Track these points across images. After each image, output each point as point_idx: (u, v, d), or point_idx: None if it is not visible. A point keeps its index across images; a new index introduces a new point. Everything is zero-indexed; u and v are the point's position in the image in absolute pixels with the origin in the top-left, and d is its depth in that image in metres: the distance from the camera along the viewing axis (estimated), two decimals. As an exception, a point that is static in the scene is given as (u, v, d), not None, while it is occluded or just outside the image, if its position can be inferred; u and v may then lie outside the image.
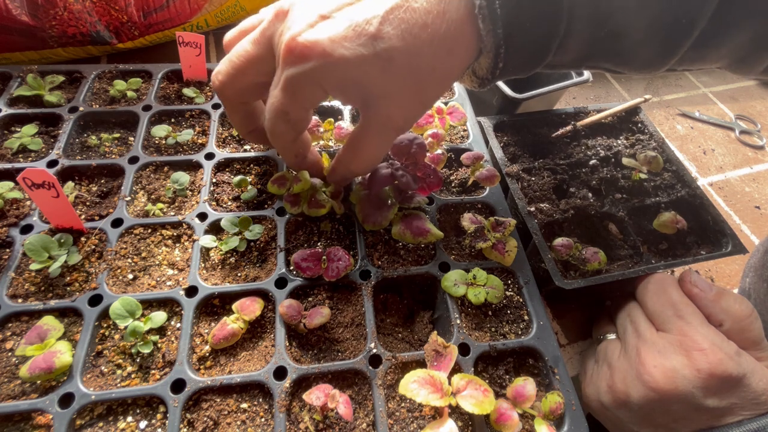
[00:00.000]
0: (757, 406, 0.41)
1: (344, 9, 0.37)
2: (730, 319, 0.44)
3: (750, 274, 0.62)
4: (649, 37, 0.36)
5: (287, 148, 0.46)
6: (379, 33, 0.35)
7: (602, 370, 0.47)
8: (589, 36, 0.37)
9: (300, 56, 0.36)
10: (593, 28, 0.36)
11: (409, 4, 0.35)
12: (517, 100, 0.65)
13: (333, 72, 0.36)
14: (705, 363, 0.40)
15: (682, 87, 0.97)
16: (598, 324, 0.55)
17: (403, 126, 0.41)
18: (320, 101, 0.40)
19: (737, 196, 0.79)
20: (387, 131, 0.41)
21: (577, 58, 0.39)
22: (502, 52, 0.36)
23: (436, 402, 0.36)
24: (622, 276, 0.51)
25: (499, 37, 0.35)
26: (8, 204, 0.49)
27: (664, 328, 0.45)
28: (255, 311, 0.43)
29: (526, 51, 0.37)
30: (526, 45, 0.36)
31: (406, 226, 0.49)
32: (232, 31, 0.46)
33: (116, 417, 0.39)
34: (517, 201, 0.55)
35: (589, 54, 0.39)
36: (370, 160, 0.45)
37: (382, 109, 0.39)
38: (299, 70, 0.36)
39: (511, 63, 0.37)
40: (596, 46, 0.38)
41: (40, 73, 0.60)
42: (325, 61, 0.35)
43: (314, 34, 0.36)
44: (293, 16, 0.38)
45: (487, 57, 0.37)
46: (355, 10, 0.36)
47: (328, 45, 0.35)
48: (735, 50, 0.38)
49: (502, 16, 0.34)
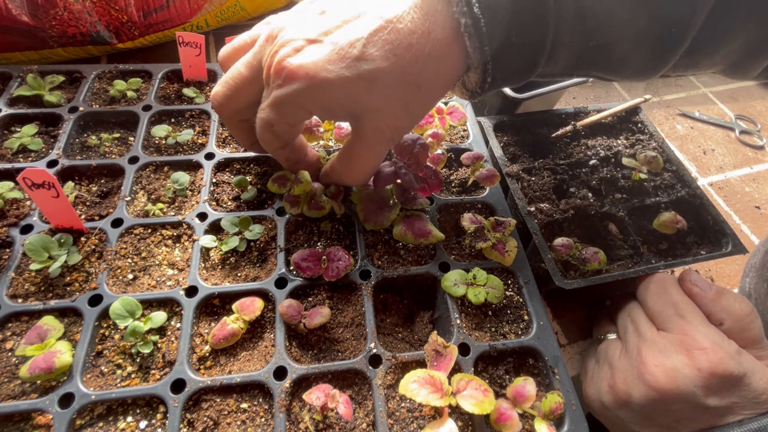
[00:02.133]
0: (758, 405, 0.41)
1: (331, 32, 0.38)
2: (730, 318, 0.44)
3: (750, 274, 0.62)
4: (638, 47, 0.36)
5: (276, 154, 0.48)
6: (363, 55, 0.36)
7: (603, 370, 0.47)
8: (577, 48, 0.37)
9: (286, 78, 0.37)
10: (581, 41, 0.36)
11: (394, 25, 0.35)
12: (517, 100, 0.65)
13: (317, 94, 0.37)
14: (706, 362, 0.40)
15: (682, 87, 0.97)
16: (599, 324, 0.55)
17: (393, 138, 0.42)
18: (305, 119, 0.43)
19: (737, 196, 0.79)
20: (378, 144, 0.42)
21: (567, 68, 0.40)
22: (489, 68, 0.36)
23: (436, 402, 0.36)
24: (622, 276, 0.51)
25: (486, 54, 0.35)
26: (8, 204, 0.49)
27: (665, 328, 0.45)
28: (255, 311, 0.43)
29: (514, 65, 0.37)
30: (514, 60, 0.36)
31: (407, 227, 0.49)
32: (226, 48, 0.48)
33: (116, 417, 0.39)
34: (517, 201, 0.55)
35: (579, 65, 0.39)
36: (363, 172, 0.46)
37: (371, 123, 0.40)
38: (285, 91, 0.38)
39: (500, 77, 0.37)
40: (585, 57, 0.38)
41: (40, 73, 0.60)
42: (310, 83, 0.37)
43: (299, 59, 0.37)
44: (282, 39, 0.39)
45: (476, 73, 0.37)
46: (341, 34, 0.37)
47: (311, 69, 0.36)
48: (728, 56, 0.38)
49: (488, 33, 0.34)
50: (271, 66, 0.38)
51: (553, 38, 0.35)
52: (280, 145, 0.45)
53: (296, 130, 0.46)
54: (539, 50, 0.36)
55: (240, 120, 0.47)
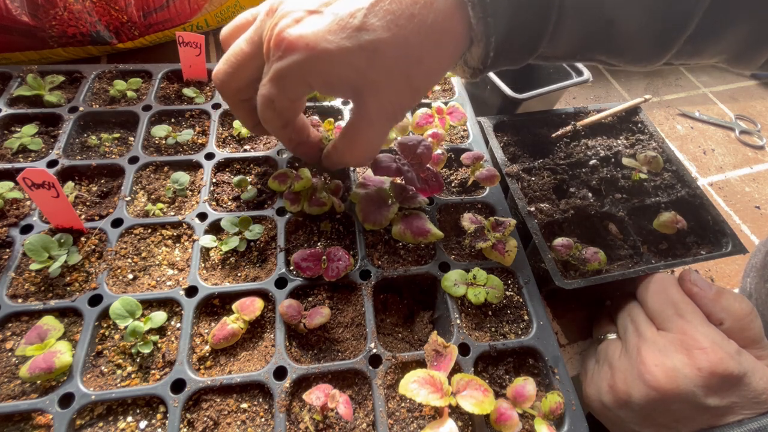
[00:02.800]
0: (758, 405, 0.41)
1: (332, 3, 0.37)
2: (730, 317, 0.44)
3: (751, 274, 0.62)
4: (642, 28, 0.36)
5: (278, 134, 0.47)
6: (364, 25, 0.35)
7: (603, 370, 0.47)
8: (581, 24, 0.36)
9: (286, 50, 0.37)
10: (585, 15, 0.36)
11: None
12: (517, 100, 0.65)
13: (317, 65, 0.37)
14: (706, 362, 0.40)
15: (682, 87, 0.97)
16: (599, 324, 0.55)
17: (395, 115, 0.41)
18: (306, 94, 0.41)
19: (737, 196, 0.79)
20: (380, 121, 0.41)
21: (570, 49, 0.39)
22: (492, 41, 0.35)
23: (436, 402, 0.36)
24: (622, 276, 0.51)
25: (489, 26, 0.34)
26: (8, 204, 0.49)
27: (665, 327, 0.45)
28: (255, 311, 0.43)
29: (517, 39, 0.36)
30: (518, 32, 0.36)
31: (406, 226, 0.49)
32: (228, 27, 0.47)
33: (116, 417, 0.39)
34: (517, 201, 0.55)
35: (582, 45, 0.38)
36: (366, 151, 0.45)
37: (372, 99, 0.39)
38: (285, 63, 0.37)
39: (502, 52, 0.37)
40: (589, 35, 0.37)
41: (40, 73, 0.60)
42: (310, 54, 0.36)
43: (299, 29, 0.36)
44: (282, 11, 0.38)
45: (478, 46, 0.37)
46: (342, 4, 0.37)
47: (311, 39, 0.36)
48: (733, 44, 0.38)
49: (491, 3, 0.33)
50: (271, 38, 0.38)
51: (558, 11, 0.35)
52: (281, 123, 0.44)
53: (297, 107, 0.45)
54: (544, 23, 0.35)
55: (242, 99, 0.46)
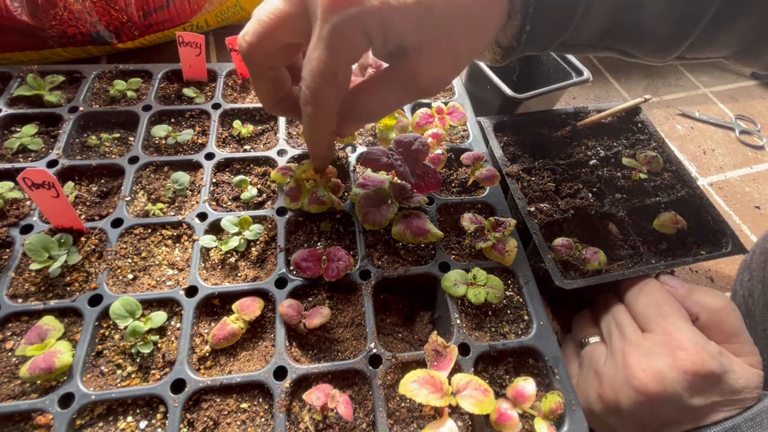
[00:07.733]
0: (737, 402, 0.42)
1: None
2: (704, 311, 0.46)
3: (746, 275, 0.62)
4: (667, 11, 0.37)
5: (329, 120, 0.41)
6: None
7: (589, 377, 0.48)
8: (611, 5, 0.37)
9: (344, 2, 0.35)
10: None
11: None
12: (517, 100, 0.65)
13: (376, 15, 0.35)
14: (689, 363, 0.42)
15: (682, 87, 0.97)
16: (580, 326, 0.55)
17: (428, 87, 0.40)
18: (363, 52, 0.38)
19: (737, 196, 0.79)
20: (410, 88, 0.40)
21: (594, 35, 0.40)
22: (530, 13, 0.36)
23: (436, 402, 0.36)
24: (622, 276, 0.51)
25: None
26: (8, 204, 0.49)
27: (649, 329, 0.46)
28: (255, 311, 0.43)
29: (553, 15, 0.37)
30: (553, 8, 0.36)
31: (406, 226, 0.49)
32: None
33: (116, 417, 0.39)
34: (517, 201, 0.55)
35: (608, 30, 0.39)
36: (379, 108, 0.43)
37: (411, 64, 0.38)
38: (343, 16, 0.35)
39: (536, 28, 0.37)
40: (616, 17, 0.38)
41: (40, 73, 0.60)
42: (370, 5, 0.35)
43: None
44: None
45: (515, 20, 0.37)
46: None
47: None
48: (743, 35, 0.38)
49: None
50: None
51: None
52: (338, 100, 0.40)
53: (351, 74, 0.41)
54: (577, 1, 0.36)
55: (269, 67, 0.42)
